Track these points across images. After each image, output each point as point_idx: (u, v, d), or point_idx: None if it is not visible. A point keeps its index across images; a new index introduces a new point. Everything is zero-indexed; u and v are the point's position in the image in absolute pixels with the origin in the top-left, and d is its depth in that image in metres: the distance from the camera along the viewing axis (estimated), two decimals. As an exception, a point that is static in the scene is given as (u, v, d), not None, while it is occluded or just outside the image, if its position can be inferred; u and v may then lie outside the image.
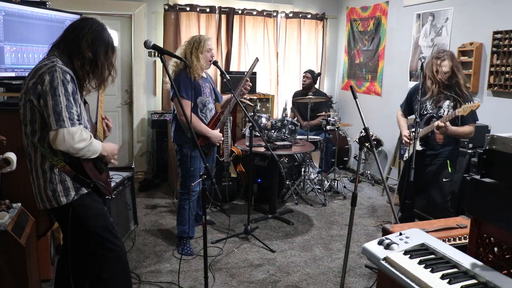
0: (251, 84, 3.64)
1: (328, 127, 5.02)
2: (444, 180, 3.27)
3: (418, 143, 3.27)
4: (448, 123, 3.11)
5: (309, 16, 6.24)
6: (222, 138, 3.52)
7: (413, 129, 3.38)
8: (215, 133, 3.41)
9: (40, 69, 1.87)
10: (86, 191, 2.01)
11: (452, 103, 3.23)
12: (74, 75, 1.95)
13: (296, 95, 5.55)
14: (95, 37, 1.98)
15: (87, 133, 1.93)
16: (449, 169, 3.29)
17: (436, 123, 3.13)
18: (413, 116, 3.29)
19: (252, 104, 4.75)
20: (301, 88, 5.58)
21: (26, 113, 1.89)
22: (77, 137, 1.86)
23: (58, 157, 1.93)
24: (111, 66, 2.06)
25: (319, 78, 5.98)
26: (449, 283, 1.42)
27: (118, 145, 2.23)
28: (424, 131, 3.25)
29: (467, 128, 3.21)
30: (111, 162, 2.18)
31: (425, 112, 3.32)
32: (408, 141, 3.38)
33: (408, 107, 3.55)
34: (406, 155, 3.43)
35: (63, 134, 1.83)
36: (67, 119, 1.84)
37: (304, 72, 5.58)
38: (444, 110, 3.24)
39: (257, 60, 3.65)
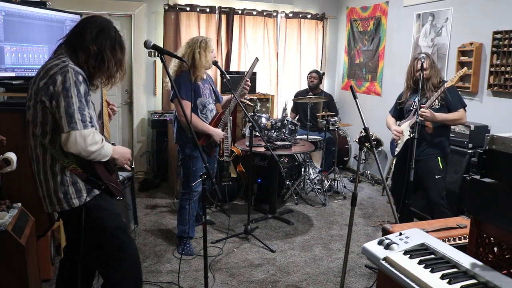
0: (250, 84, 3.64)
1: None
2: (436, 177, 3.28)
3: (407, 132, 3.29)
4: (430, 110, 3.15)
5: (309, 16, 6.24)
6: (224, 133, 3.51)
7: (402, 125, 3.40)
8: (217, 131, 3.42)
9: (52, 69, 1.83)
10: (98, 192, 1.98)
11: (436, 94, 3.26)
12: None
13: (299, 94, 5.54)
14: (100, 30, 1.94)
15: (99, 135, 1.90)
16: (440, 165, 3.29)
17: (419, 111, 3.12)
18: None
19: (252, 104, 4.75)
20: (308, 88, 5.57)
21: (37, 114, 1.85)
22: (90, 140, 1.83)
23: (69, 159, 1.89)
24: (120, 64, 2.01)
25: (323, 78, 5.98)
26: (449, 283, 1.42)
27: (130, 150, 2.18)
28: (413, 120, 3.23)
29: (456, 114, 3.23)
30: (123, 166, 2.11)
31: (414, 107, 3.33)
32: (398, 134, 3.42)
33: (396, 111, 3.60)
34: (397, 149, 3.44)
35: (75, 136, 1.79)
36: (79, 121, 1.80)
37: (310, 72, 5.59)
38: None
39: (256, 60, 3.65)
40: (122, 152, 2.07)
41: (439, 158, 3.30)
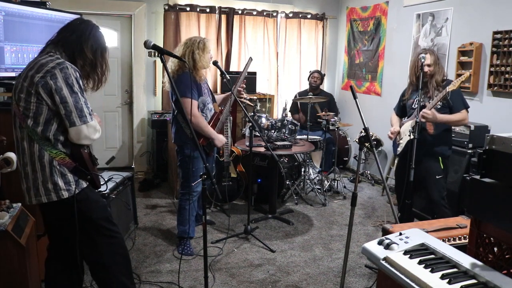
0: (244, 86, 3.65)
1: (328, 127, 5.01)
2: (437, 177, 3.28)
3: (408, 133, 3.28)
4: (434, 110, 3.13)
5: (309, 16, 6.24)
6: (226, 141, 3.51)
7: (405, 124, 3.40)
8: (219, 136, 3.41)
9: (47, 65, 1.90)
10: (86, 185, 2.05)
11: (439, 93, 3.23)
12: None
13: (300, 95, 5.54)
14: (96, 41, 2.08)
15: (97, 123, 2.06)
16: (441, 165, 3.29)
17: (421, 113, 3.11)
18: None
19: (252, 104, 4.76)
20: (309, 88, 5.57)
21: (30, 105, 1.90)
22: (98, 129, 2.03)
23: (57, 149, 1.95)
24: (105, 65, 2.15)
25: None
26: (449, 283, 1.42)
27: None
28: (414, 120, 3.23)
29: (459, 115, 3.21)
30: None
31: (416, 106, 3.30)
32: (392, 136, 3.45)
33: (400, 109, 3.59)
34: (399, 149, 3.44)
35: (87, 128, 1.95)
36: (88, 115, 1.97)
37: (312, 72, 5.59)
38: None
39: (250, 60, 3.65)
40: (99, 122, 2.20)
41: (440, 158, 3.29)
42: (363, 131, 5.02)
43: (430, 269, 1.50)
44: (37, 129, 1.92)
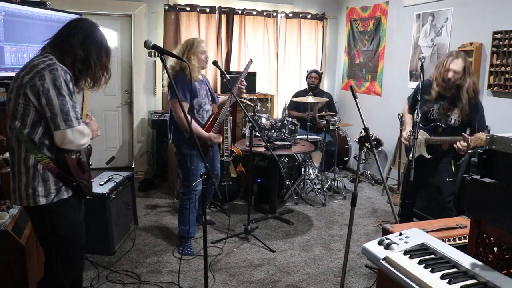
0: (245, 84, 3.64)
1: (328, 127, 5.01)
2: (447, 180, 3.27)
3: (425, 151, 3.24)
4: (469, 142, 2.88)
5: (309, 16, 6.24)
6: (219, 140, 3.45)
7: (419, 134, 3.37)
8: (209, 136, 3.35)
9: (38, 66, 1.85)
10: (67, 196, 1.96)
11: (460, 112, 3.12)
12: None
13: (299, 94, 5.53)
14: (87, 35, 1.97)
15: (86, 128, 1.98)
16: (453, 168, 3.28)
17: (458, 147, 2.95)
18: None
19: (252, 104, 4.76)
20: (308, 88, 5.56)
21: (18, 107, 1.86)
22: (85, 134, 1.94)
23: (43, 154, 1.90)
24: (105, 68, 2.05)
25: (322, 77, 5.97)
26: (449, 283, 1.42)
27: (94, 119, 2.26)
28: (434, 140, 3.18)
29: (483, 135, 2.93)
30: (96, 136, 2.20)
31: (432, 117, 3.25)
32: (406, 142, 3.34)
33: (414, 102, 3.40)
34: (411, 155, 3.40)
35: (72, 133, 1.87)
36: (74, 119, 1.87)
37: (309, 72, 5.56)
38: (452, 119, 3.17)
39: (251, 61, 3.64)
40: (93, 128, 2.14)
41: (452, 162, 3.27)
42: (363, 131, 5.01)
43: (430, 269, 1.50)
44: (24, 131, 1.87)
